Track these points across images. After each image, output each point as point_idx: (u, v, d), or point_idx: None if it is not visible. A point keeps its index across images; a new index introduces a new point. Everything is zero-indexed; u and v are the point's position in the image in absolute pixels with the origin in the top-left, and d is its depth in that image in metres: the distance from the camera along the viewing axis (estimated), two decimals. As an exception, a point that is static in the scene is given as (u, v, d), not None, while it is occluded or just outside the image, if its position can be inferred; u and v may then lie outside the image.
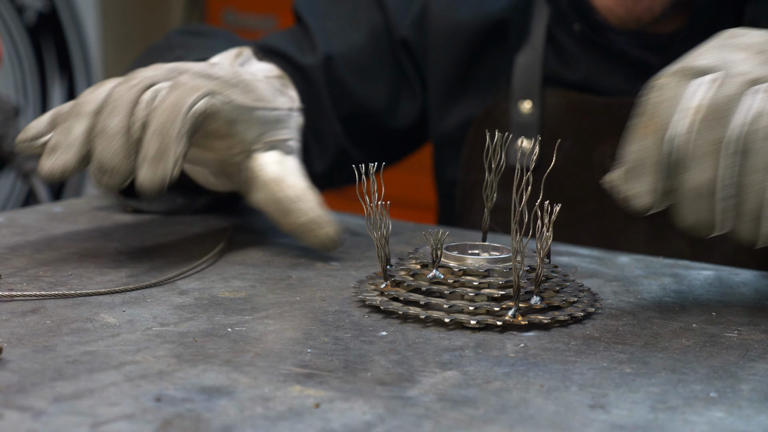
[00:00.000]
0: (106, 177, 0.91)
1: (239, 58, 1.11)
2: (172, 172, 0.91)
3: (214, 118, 0.96)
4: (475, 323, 0.82)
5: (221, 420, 0.64)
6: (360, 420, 0.65)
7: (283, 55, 1.37)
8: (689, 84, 0.84)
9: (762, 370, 0.75)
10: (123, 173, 0.92)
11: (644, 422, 0.66)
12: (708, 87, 0.83)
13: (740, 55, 0.85)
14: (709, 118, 0.82)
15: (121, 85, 0.94)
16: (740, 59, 0.85)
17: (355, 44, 1.40)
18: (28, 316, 0.82)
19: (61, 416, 0.64)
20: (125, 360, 0.73)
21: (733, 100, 0.82)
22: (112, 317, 0.83)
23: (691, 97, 0.83)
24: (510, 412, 0.67)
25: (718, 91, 0.83)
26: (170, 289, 0.91)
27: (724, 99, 0.82)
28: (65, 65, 3.12)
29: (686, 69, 0.85)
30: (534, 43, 1.39)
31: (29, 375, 0.70)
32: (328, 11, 1.41)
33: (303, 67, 1.37)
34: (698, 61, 0.85)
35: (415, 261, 0.88)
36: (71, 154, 0.91)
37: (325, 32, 1.39)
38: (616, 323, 0.85)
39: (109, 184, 0.92)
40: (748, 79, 0.83)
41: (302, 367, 0.73)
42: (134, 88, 0.93)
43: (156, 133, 0.91)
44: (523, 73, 1.39)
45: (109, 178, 0.92)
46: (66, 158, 0.91)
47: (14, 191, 2.96)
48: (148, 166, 0.91)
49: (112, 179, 0.92)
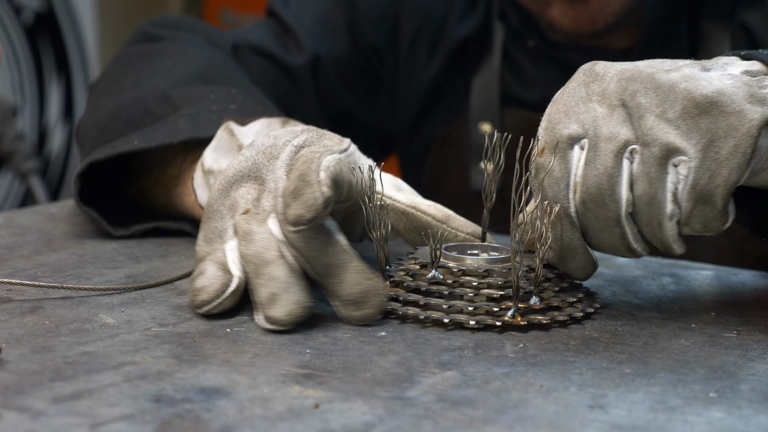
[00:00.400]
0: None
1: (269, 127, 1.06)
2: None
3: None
4: (474, 324, 0.82)
5: (220, 420, 0.64)
6: (359, 420, 0.65)
7: (269, 55, 1.36)
8: (568, 157, 0.85)
9: (761, 370, 0.75)
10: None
11: (643, 422, 0.66)
12: (584, 160, 0.84)
13: (601, 110, 0.84)
14: (597, 199, 0.83)
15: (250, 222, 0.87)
16: (602, 116, 0.84)
17: (336, 46, 1.40)
18: (26, 316, 0.82)
19: (60, 417, 0.64)
20: (124, 360, 0.73)
21: (613, 175, 0.83)
22: (111, 318, 0.82)
23: (574, 171, 0.85)
24: (509, 412, 0.67)
25: (596, 167, 0.83)
26: (169, 290, 0.91)
27: (606, 177, 0.83)
28: (62, 65, 3.11)
29: (559, 140, 0.85)
30: (492, 63, 1.39)
31: (28, 375, 0.70)
32: (300, 9, 1.40)
33: (291, 68, 1.37)
34: (565, 128, 0.85)
35: (414, 261, 0.87)
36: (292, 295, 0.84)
37: (307, 30, 1.38)
38: (615, 323, 0.85)
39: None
40: (617, 146, 0.83)
41: (301, 368, 0.73)
42: (259, 216, 0.87)
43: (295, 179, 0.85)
44: (482, 94, 1.40)
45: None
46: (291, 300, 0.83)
47: (12, 191, 2.95)
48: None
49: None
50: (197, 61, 1.20)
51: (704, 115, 0.81)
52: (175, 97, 1.12)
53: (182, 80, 1.15)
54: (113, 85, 1.20)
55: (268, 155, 0.88)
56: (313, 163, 0.83)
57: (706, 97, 0.81)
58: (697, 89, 0.81)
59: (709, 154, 0.80)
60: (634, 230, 0.84)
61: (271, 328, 0.81)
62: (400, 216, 0.92)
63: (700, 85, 0.81)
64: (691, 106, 0.81)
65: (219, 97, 1.11)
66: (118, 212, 1.10)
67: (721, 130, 0.80)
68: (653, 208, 0.83)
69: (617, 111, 0.84)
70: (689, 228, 0.83)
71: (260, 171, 0.88)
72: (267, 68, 1.35)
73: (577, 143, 0.85)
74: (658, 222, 0.83)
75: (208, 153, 1.00)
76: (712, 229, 0.82)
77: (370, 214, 0.86)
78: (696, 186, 0.81)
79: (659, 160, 0.82)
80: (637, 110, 0.83)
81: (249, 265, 0.83)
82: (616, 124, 0.84)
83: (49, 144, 3.09)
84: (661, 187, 0.82)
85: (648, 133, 0.82)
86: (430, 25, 1.41)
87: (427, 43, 1.42)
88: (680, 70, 0.83)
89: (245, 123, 1.02)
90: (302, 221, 0.81)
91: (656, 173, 0.82)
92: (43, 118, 3.07)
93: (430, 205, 0.93)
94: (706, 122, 0.81)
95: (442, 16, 1.41)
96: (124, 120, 1.11)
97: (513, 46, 1.39)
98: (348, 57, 1.41)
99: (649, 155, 0.82)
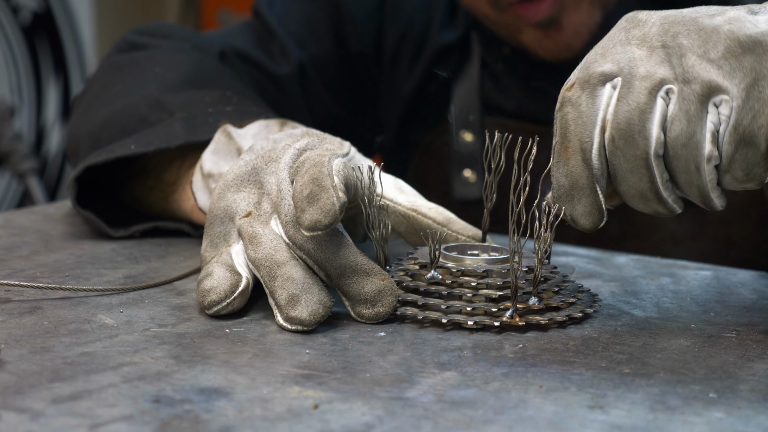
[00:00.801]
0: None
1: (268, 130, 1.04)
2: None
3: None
4: (473, 324, 0.82)
5: (220, 421, 0.64)
6: (359, 421, 0.65)
7: (255, 63, 1.35)
8: (598, 93, 0.82)
9: (761, 370, 0.75)
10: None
11: (644, 423, 0.66)
12: (616, 97, 0.82)
13: (639, 52, 0.82)
14: (626, 135, 0.80)
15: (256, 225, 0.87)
16: (639, 58, 0.82)
17: (321, 51, 1.39)
18: (25, 317, 0.82)
19: (60, 418, 0.63)
20: (123, 361, 0.73)
21: (645, 111, 0.80)
22: (110, 318, 0.82)
23: (603, 108, 0.82)
24: (509, 412, 0.67)
25: (627, 103, 0.81)
26: (168, 290, 0.91)
27: (637, 112, 0.80)
28: (60, 65, 3.11)
29: (591, 77, 0.83)
30: (471, 71, 1.38)
31: (27, 376, 0.70)
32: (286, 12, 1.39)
33: (277, 77, 1.36)
34: (599, 66, 0.83)
35: (414, 262, 0.87)
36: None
37: (292, 35, 1.38)
38: (614, 324, 0.85)
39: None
40: (652, 84, 0.81)
41: (301, 368, 0.73)
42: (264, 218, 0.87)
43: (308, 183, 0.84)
44: (463, 102, 1.39)
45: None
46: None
47: (9, 191, 2.95)
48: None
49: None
50: (187, 67, 1.19)
51: (748, 54, 0.79)
52: (169, 102, 1.11)
53: (174, 86, 1.15)
54: (102, 95, 1.18)
55: (267, 158, 0.88)
56: (324, 167, 0.83)
57: (751, 36, 0.79)
58: (742, 30, 0.79)
59: (753, 93, 0.78)
60: (664, 175, 0.81)
61: (293, 329, 0.81)
62: (400, 219, 0.92)
63: (745, 26, 0.80)
64: (734, 46, 0.79)
65: (214, 100, 1.11)
66: (116, 213, 1.10)
67: (766, 69, 0.78)
68: (690, 150, 0.79)
69: (656, 52, 0.82)
70: (730, 176, 0.80)
71: (259, 174, 0.88)
72: (254, 75, 1.35)
73: (609, 81, 0.82)
74: (695, 165, 0.79)
75: (207, 156, 1.00)
76: (754, 177, 0.79)
77: (371, 215, 0.86)
78: (738, 126, 0.78)
79: (700, 97, 0.79)
80: (678, 50, 0.81)
81: (261, 268, 0.83)
82: (654, 64, 0.81)
83: (47, 144, 3.09)
84: (700, 126, 0.79)
85: (689, 71, 0.80)
86: (413, 31, 1.41)
87: (411, 50, 1.41)
88: (725, 13, 0.81)
89: (242, 125, 1.02)
90: (319, 226, 0.81)
91: (695, 111, 0.79)
92: (41, 118, 3.07)
93: (431, 208, 0.92)
94: (750, 61, 0.79)
95: (424, 23, 1.41)
96: (118, 129, 1.11)
97: (488, 54, 1.38)
98: (333, 62, 1.40)
99: (689, 92, 0.80)
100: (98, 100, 1.17)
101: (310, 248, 0.83)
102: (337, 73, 1.41)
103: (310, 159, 0.85)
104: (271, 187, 0.86)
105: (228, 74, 1.24)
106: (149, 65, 1.19)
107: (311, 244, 0.83)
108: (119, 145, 1.06)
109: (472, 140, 1.38)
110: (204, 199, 1.00)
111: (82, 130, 1.15)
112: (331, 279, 0.83)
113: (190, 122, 1.06)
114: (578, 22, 1.24)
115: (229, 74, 1.24)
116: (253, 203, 0.87)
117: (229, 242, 0.87)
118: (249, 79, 1.33)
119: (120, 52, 1.27)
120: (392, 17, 1.42)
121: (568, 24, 1.23)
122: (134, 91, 1.15)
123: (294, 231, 0.83)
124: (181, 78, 1.16)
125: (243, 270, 0.85)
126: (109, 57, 1.27)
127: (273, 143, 0.90)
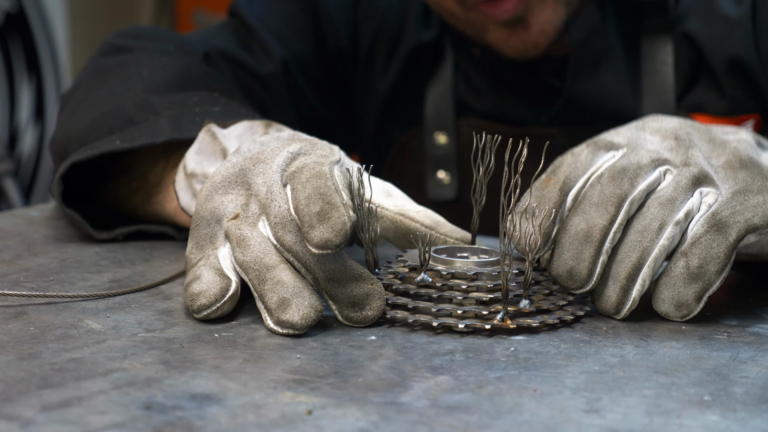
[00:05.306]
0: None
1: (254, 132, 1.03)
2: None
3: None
4: (463, 327, 0.82)
5: (213, 428, 0.63)
6: (354, 427, 0.64)
7: (239, 62, 1.35)
8: (601, 154, 0.89)
9: (753, 372, 0.75)
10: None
11: (640, 426, 0.65)
12: (619, 156, 0.88)
13: (652, 138, 0.90)
14: (616, 175, 0.86)
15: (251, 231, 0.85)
16: (650, 140, 0.90)
17: (302, 48, 1.39)
18: (10, 322, 0.81)
19: (50, 425, 0.62)
20: (112, 367, 0.72)
21: (642, 168, 0.86)
22: (97, 323, 0.81)
23: (599, 164, 0.88)
24: (504, 417, 0.66)
25: (628, 158, 0.87)
26: (154, 294, 0.90)
27: (634, 166, 0.86)
28: (33, 66, 3.09)
29: (599, 141, 0.89)
30: (444, 72, 1.39)
31: (15, 383, 0.68)
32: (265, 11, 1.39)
33: (261, 77, 1.35)
34: (613, 137, 0.90)
35: (404, 265, 0.87)
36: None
37: (272, 33, 1.37)
38: (605, 326, 0.85)
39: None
40: (656, 157, 0.87)
41: (292, 373, 0.72)
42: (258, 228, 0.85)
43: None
44: (437, 103, 1.39)
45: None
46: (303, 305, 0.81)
47: (-17, 193, 2.93)
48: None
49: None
50: (174, 69, 1.18)
51: (744, 169, 0.87)
52: (156, 103, 1.10)
53: (162, 87, 1.14)
54: (89, 98, 1.17)
55: (255, 160, 0.87)
56: (329, 180, 0.82)
57: (751, 158, 0.88)
58: (746, 151, 0.88)
59: (738, 197, 0.85)
60: (622, 227, 0.85)
61: (283, 332, 0.80)
62: (388, 224, 0.92)
63: (750, 150, 0.89)
64: (734, 160, 0.88)
65: (202, 100, 1.10)
66: (100, 215, 1.09)
67: (756, 186, 0.85)
68: (664, 208, 0.85)
69: (668, 140, 0.90)
70: (684, 263, 0.84)
71: (247, 176, 0.87)
72: (240, 75, 1.34)
73: (615, 149, 0.89)
74: (660, 224, 0.84)
75: (191, 156, 0.99)
76: (703, 275, 0.83)
77: (359, 218, 0.85)
78: (717, 214, 0.84)
79: (693, 178, 0.86)
80: (688, 143, 0.89)
81: (250, 271, 0.82)
82: (662, 148, 0.89)
83: (21, 145, 3.06)
84: (683, 196, 0.85)
85: (691, 157, 0.87)
86: (388, 29, 1.40)
87: (385, 48, 1.41)
88: (738, 133, 0.91)
89: (227, 125, 1.01)
90: (330, 246, 0.79)
91: (684, 185, 0.86)
92: (14, 119, 3.04)
93: (419, 212, 0.92)
94: (744, 175, 0.86)
95: (398, 20, 1.40)
96: (105, 131, 1.09)
97: (460, 54, 1.38)
98: (314, 60, 1.40)
99: (686, 172, 0.86)
100: (85, 103, 1.16)
101: (298, 251, 0.82)
102: (319, 70, 1.41)
103: (309, 167, 0.84)
104: (259, 187, 0.85)
105: (214, 76, 1.23)
106: (136, 68, 1.18)
107: (300, 247, 0.82)
108: (104, 142, 1.05)
109: (446, 142, 1.38)
110: (186, 198, 0.99)
111: (69, 132, 1.13)
112: (319, 283, 0.82)
113: (176, 120, 1.05)
114: (544, 19, 1.25)
115: (216, 76, 1.23)
116: (240, 205, 0.86)
117: (215, 245, 0.86)
118: (235, 80, 1.32)
119: (104, 55, 1.26)
120: (366, 14, 1.41)
121: (534, 22, 1.24)
122: (121, 94, 1.14)
123: (282, 233, 0.82)
124: (168, 80, 1.15)
125: (231, 273, 0.84)
126: (95, 60, 1.26)
127: (261, 146, 0.89)
